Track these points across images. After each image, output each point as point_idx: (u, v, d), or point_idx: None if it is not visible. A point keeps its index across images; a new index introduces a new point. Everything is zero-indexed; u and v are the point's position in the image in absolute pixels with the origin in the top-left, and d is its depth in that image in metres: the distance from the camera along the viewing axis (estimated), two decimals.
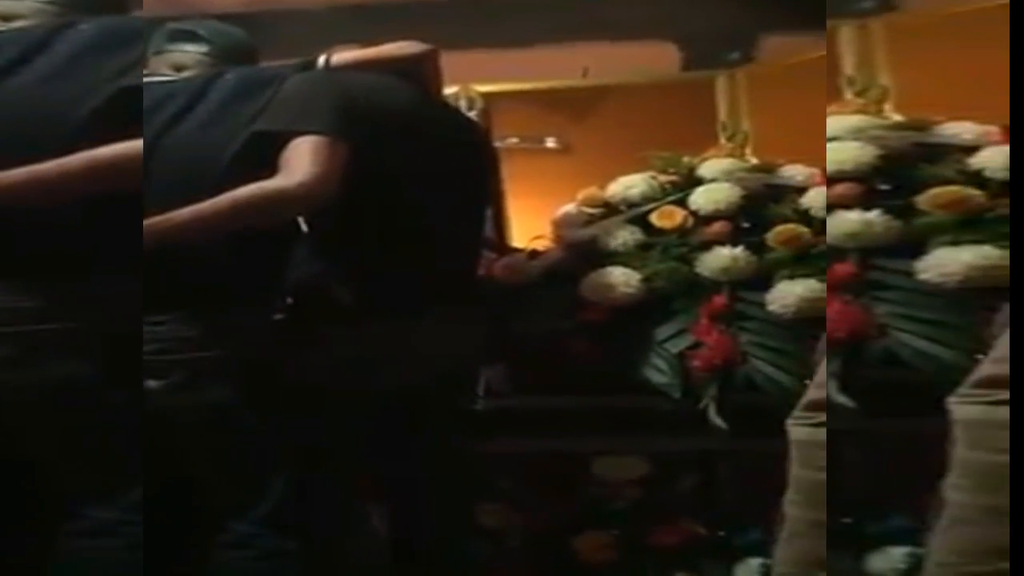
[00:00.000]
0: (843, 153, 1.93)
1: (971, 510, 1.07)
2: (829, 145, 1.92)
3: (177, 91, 1.68)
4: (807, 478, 1.46)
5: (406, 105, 1.75)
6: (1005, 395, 1.07)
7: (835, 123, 2.00)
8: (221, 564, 1.62)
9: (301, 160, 1.54)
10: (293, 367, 1.66)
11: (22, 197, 1.42)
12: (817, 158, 1.96)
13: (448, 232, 1.77)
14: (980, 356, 1.27)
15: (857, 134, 1.97)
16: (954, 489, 1.09)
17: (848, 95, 2.17)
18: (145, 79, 1.65)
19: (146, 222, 1.48)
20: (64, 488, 1.52)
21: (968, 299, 1.75)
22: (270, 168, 1.55)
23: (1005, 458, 1.04)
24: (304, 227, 1.76)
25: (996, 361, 1.12)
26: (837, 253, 1.87)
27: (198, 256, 1.53)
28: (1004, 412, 1.06)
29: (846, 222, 1.88)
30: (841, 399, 1.77)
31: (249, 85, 1.68)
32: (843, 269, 1.86)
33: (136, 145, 1.44)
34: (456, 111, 2.28)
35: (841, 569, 1.75)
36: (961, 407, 1.13)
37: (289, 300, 1.77)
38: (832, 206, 1.89)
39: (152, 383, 1.55)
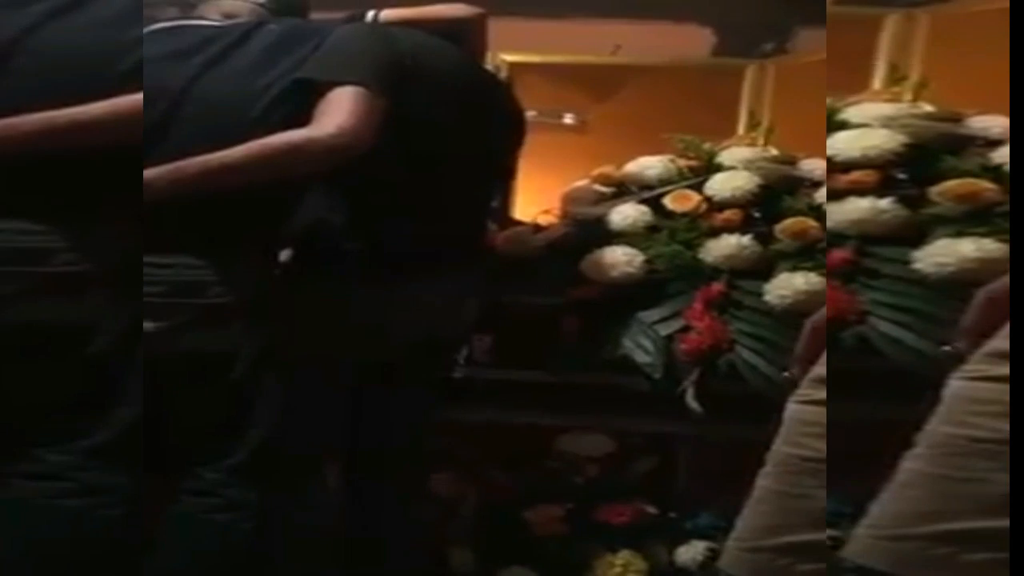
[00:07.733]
0: (871, 139, 1.86)
1: (922, 478, 1.09)
2: (858, 131, 1.87)
3: (216, 36, 1.64)
4: (781, 451, 1.45)
5: (450, 67, 1.71)
6: (986, 371, 1.08)
7: (866, 110, 1.94)
8: (183, 510, 1.58)
9: (337, 110, 1.50)
10: (286, 321, 1.60)
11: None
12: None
13: (463, 199, 1.74)
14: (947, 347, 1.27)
15: (888, 122, 1.89)
16: (914, 459, 1.11)
17: (878, 84, 2.11)
18: (186, 22, 1.69)
19: (171, 166, 1.44)
20: (25, 430, 1.46)
21: (954, 290, 1.65)
22: (307, 118, 1.51)
23: (969, 431, 1.06)
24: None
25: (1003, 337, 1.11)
26: (839, 239, 1.81)
27: (208, 199, 1.47)
28: (984, 388, 1.08)
29: (855, 209, 1.81)
30: None
31: (293, 36, 1.65)
32: (839, 255, 1.82)
33: (136, 99, 1.42)
34: (498, 80, 2.22)
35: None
36: (956, 382, 1.12)
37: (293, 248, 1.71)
38: (845, 192, 1.82)
39: (149, 324, 1.49)
